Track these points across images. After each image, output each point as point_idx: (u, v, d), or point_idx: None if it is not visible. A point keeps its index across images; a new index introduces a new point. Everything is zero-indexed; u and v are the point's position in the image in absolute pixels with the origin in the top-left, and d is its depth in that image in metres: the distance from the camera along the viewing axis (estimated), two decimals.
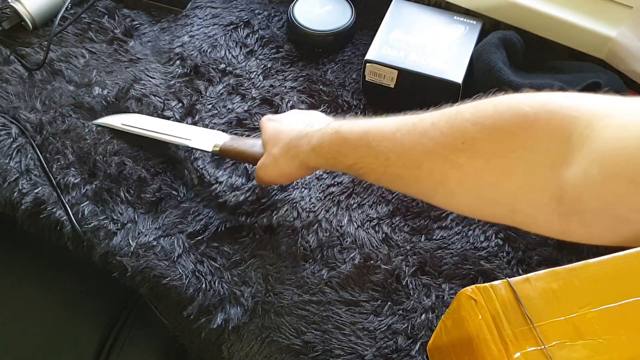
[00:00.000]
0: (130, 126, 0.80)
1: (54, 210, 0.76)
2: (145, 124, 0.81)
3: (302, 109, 0.86)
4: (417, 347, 0.66)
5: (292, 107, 0.86)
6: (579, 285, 0.58)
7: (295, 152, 0.65)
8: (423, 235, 0.75)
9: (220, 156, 0.79)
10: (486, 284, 0.58)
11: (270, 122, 0.73)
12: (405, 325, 0.68)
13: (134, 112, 0.85)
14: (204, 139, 0.78)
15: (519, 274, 0.72)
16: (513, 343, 0.53)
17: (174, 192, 0.78)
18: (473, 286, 0.58)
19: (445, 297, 0.70)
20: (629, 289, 0.58)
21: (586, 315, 0.55)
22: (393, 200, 0.78)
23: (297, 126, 0.69)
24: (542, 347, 0.53)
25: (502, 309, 0.55)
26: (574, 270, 0.61)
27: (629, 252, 0.60)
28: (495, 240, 0.75)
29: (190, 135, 0.79)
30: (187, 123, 0.84)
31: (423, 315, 0.68)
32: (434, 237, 0.75)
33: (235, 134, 0.83)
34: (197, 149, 0.79)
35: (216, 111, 0.86)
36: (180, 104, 0.86)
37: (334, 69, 0.91)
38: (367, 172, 0.58)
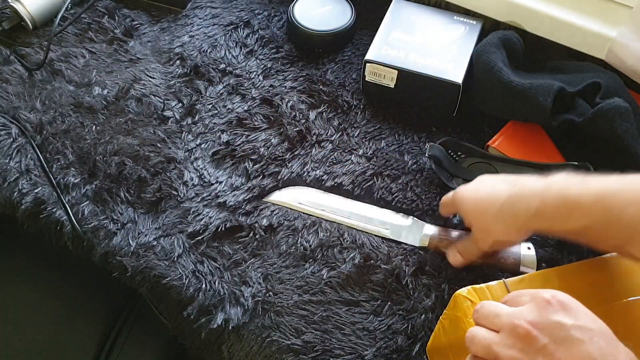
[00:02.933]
0: (308, 206, 0.76)
1: (54, 210, 0.76)
2: (323, 202, 0.77)
3: (302, 109, 0.86)
4: (417, 348, 0.66)
5: (292, 107, 0.86)
6: (576, 285, 0.58)
7: (512, 219, 0.61)
8: None
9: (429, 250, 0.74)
10: (482, 285, 0.58)
11: (466, 192, 0.66)
12: (405, 325, 0.68)
13: (134, 112, 0.85)
14: (399, 227, 0.75)
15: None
16: None
17: (174, 192, 0.78)
18: (469, 287, 0.58)
19: (445, 297, 0.70)
20: (625, 288, 0.58)
21: None
22: (394, 202, 0.78)
23: (499, 191, 0.63)
24: None
25: None
26: (570, 269, 0.61)
27: None
28: None
29: (380, 219, 0.75)
30: (187, 123, 0.84)
31: (423, 316, 0.68)
32: None
33: (235, 134, 0.83)
34: (402, 242, 0.74)
35: (216, 111, 0.86)
36: (180, 104, 0.86)
37: (334, 69, 0.91)
38: (605, 239, 0.55)
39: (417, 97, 0.86)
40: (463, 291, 0.58)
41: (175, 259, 0.73)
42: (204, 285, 0.71)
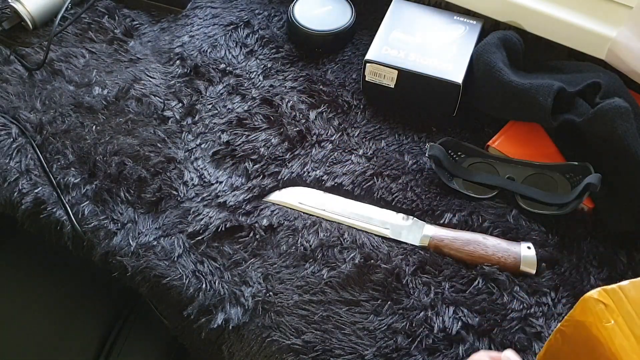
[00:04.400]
0: (308, 206, 0.77)
1: (54, 210, 0.76)
2: (323, 202, 0.77)
3: (302, 109, 0.86)
4: (415, 345, 0.66)
5: (292, 107, 0.86)
6: None
7: None
8: None
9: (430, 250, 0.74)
10: (613, 286, 0.51)
11: None
12: (405, 323, 0.68)
13: (134, 112, 0.85)
14: (399, 227, 0.75)
15: None
16: None
17: (174, 192, 0.78)
18: (599, 289, 0.52)
19: (444, 294, 0.70)
20: None
21: None
22: (394, 202, 0.78)
23: None
24: None
25: (635, 312, 0.50)
26: None
27: None
28: None
29: (380, 219, 0.75)
30: (187, 123, 0.84)
31: (422, 313, 0.68)
32: None
33: (235, 134, 0.83)
34: (401, 241, 0.74)
35: (216, 111, 0.86)
36: (180, 104, 0.86)
37: (334, 69, 0.91)
38: None
39: (417, 97, 0.86)
40: (593, 294, 0.51)
41: (175, 259, 0.73)
42: (204, 285, 0.71)
